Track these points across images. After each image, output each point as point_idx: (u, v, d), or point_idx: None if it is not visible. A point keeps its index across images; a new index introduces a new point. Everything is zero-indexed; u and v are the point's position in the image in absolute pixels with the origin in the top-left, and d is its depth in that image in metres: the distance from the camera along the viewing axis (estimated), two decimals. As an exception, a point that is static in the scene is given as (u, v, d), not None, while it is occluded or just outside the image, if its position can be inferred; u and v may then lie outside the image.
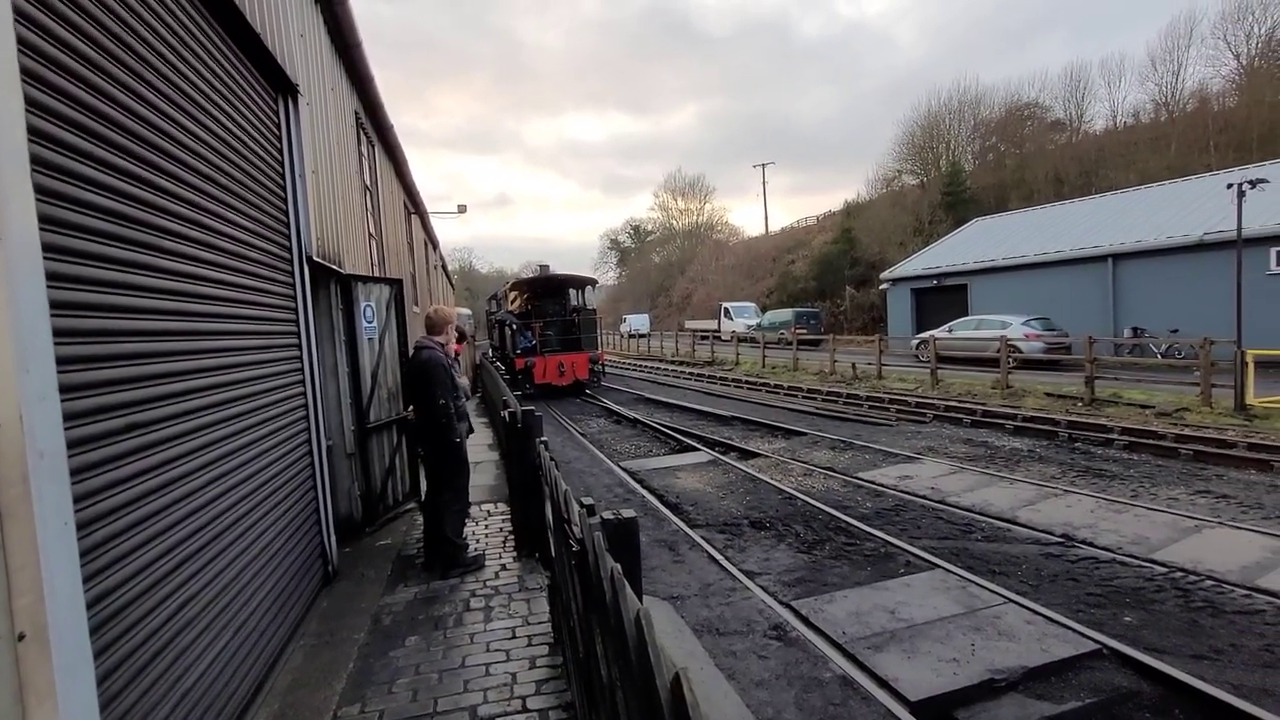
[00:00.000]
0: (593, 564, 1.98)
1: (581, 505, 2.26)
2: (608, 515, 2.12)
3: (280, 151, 4.28)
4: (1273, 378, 12.45)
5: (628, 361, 31.84)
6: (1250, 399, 10.48)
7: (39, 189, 1.81)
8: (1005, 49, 69.68)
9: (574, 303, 21.03)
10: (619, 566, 1.73)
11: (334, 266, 5.42)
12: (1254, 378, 10.65)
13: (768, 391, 17.96)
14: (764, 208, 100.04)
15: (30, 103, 1.80)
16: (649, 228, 75.08)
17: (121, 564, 2.09)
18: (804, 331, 27.09)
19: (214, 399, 2.91)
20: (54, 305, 1.83)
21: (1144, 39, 45.87)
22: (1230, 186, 12.66)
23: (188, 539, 2.53)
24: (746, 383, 19.56)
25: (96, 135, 2.11)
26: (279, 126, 4.28)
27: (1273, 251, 15.89)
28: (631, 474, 9.46)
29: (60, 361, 1.83)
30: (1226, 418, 10.19)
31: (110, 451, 2.09)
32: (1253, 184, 12.40)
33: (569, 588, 2.64)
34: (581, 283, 21.49)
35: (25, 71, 1.79)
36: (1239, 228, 12.19)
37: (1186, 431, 9.49)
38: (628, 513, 2.12)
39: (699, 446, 11.08)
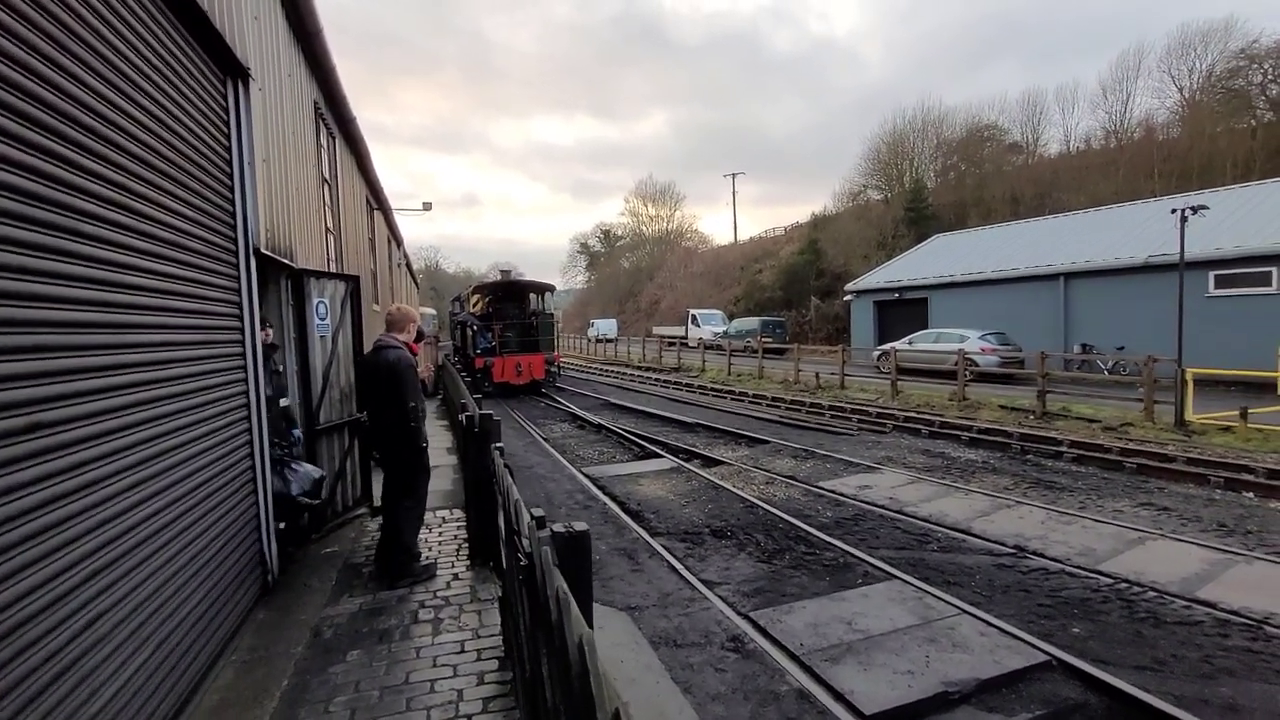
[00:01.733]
0: (540, 580, 1.87)
1: (532, 516, 2.15)
2: (559, 528, 2.01)
3: (227, 137, 4.06)
4: (1210, 395, 13.02)
5: (594, 366, 31.64)
6: (1189, 415, 10.92)
7: (-73, 160, 1.63)
8: (966, 71, 72.07)
9: (533, 307, 22.04)
10: (565, 585, 1.63)
11: (285, 260, 5.18)
12: (1193, 395, 11.10)
13: (732, 399, 18.02)
14: (733, 217, 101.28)
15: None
16: (619, 233, 75.14)
17: (17, 578, 1.90)
18: (769, 340, 27.32)
19: (138, 397, 2.70)
20: (-58, 290, 1.65)
21: (1096, 68, 48.25)
22: (1174, 212, 13.22)
23: (100, 549, 2.33)
24: (712, 390, 19.60)
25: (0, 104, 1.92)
26: (226, 111, 4.06)
27: (1211, 275, 16.67)
28: (593, 480, 9.32)
29: (-52, 353, 1.65)
30: (1167, 433, 10.59)
31: (9, 454, 1.89)
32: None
33: (518, 603, 2.52)
34: (541, 288, 22.63)
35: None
36: (1181, 251, 12.73)
37: (1131, 445, 9.81)
38: (579, 525, 2.02)
39: (662, 453, 11.00)
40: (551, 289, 23.40)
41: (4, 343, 1.91)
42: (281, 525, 4.61)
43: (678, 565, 5.94)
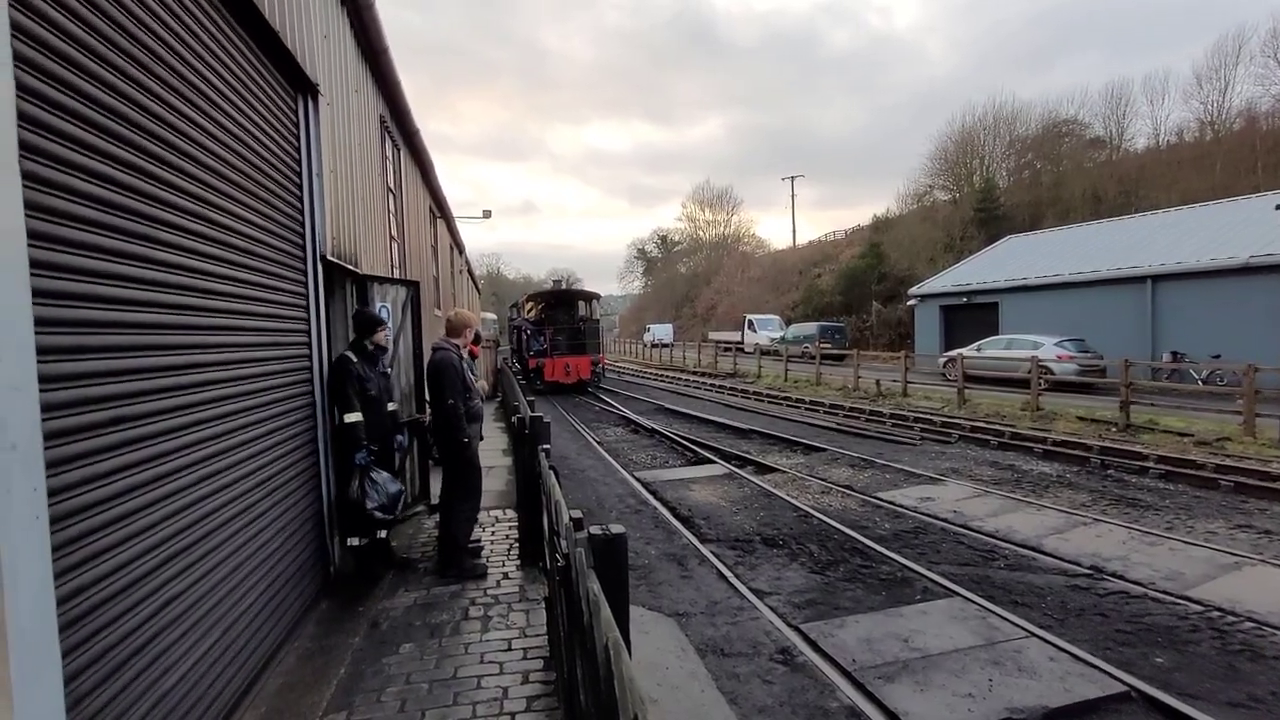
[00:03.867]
0: (575, 581, 1.88)
1: (570, 517, 2.16)
2: (596, 530, 2.02)
3: (297, 150, 4.29)
4: (1322, 409, 11.83)
5: (649, 371, 31.70)
6: (1298, 430, 9.96)
7: (27, 175, 1.78)
8: (1039, 64, 68.50)
9: (582, 313, 24.11)
10: (598, 587, 1.63)
11: (350, 266, 5.43)
12: (1302, 408, 10.13)
13: (789, 406, 17.70)
14: (792, 220, 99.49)
15: (21, 88, 1.78)
16: (676, 238, 75.15)
17: (99, 559, 2.05)
18: (828, 346, 26.70)
19: (211, 395, 2.88)
20: (38, 294, 1.79)
21: (1188, 56, 44.75)
22: (1278, 208, 12.13)
23: (174, 536, 2.49)
24: (768, 396, 19.31)
25: (92, 123, 2.09)
26: (297, 125, 4.30)
27: (1324, 276, 15.21)
28: (645, 484, 9.33)
29: (42, 351, 1.79)
30: (1271, 449, 9.68)
31: (93, 444, 2.05)
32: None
33: (559, 603, 2.54)
34: (589, 296, 25.02)
35: (18, 57, 1.77)
36: (1288, 251, 11.68)
37: (1227, 462, 9.03)
38: (616, 528, 2.01)
39: (715, 459, 10.90)
40: (598, 296, 25.45)
41: (93, 342, 2.07)
42: (356, 541, 4.52)
43: (727, 573, 5.85)
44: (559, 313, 23.69)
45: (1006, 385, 16.57)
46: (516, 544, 5.50)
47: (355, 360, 4.61)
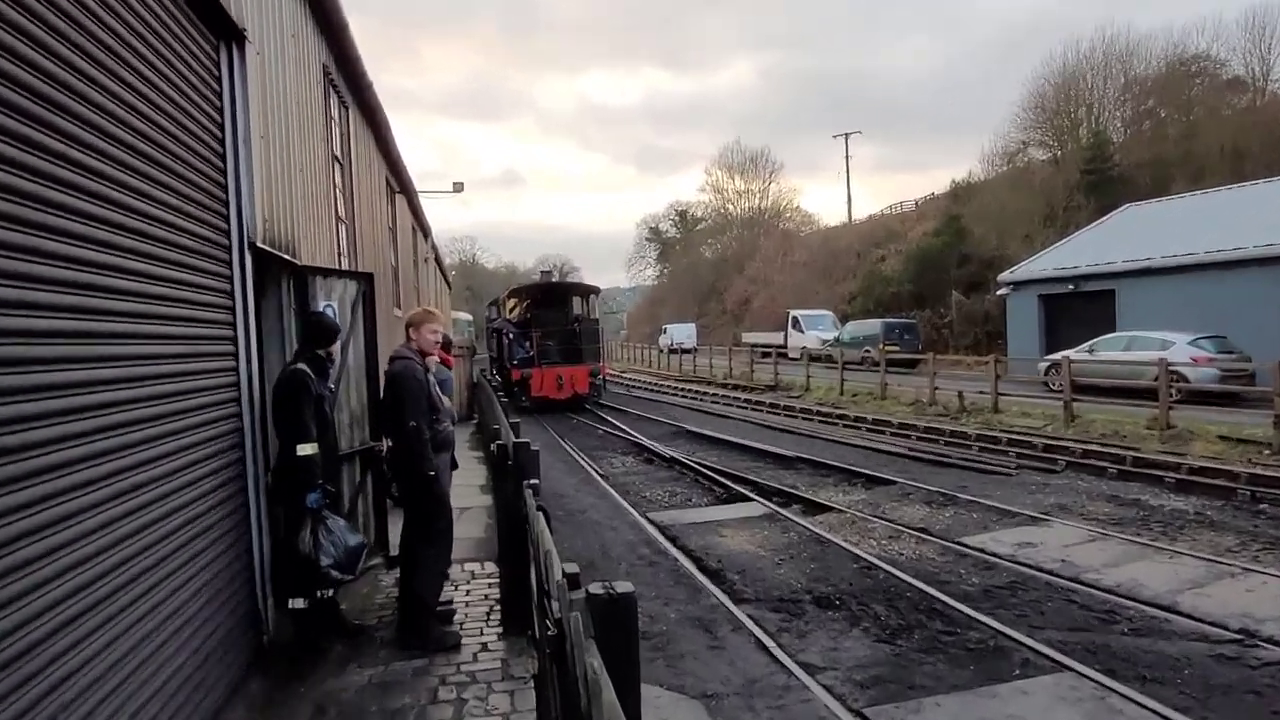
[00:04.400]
0: (569, 655, 1.86)
1: (564, 573, 2.14)
2: (596, 588, 1.99)
3: (219, 111, 4.36)
4: None
5: (666, 384, 31.78)
6: None
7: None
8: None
9: (577, 312, 24.42)
10: (599, 662, 1.61)
11: (287, 256, 5.49)
12: None
13: (846, 426, 17.75)
14: (847, 189, 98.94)
15: None
16: (698, 213, 75.46)
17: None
18: (895, 349, 26.64)
19: (109, 420, 2.89)
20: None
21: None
22: None
23: (59, 604, 2.47)
24: (819, 414, 19.40)
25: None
26: (219, 80, 4.36)
27: None
28: (662, 529, 9.37)
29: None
30: None
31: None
32: None
33: (550, 683, 2.52)
34: (585, 291, 25.57)
35: None
36: None
37: None
38: (623, 586, 1.99)
39: (752, 496, 10.96)
40: (598, 291, 25.99)
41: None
42: (302, 603, 4.46)
43: (769, 642, 5.87)
44: (549, 311, 23.94)
45: (1127, 397, 16.40)
46: (498, 606, 5.50)
47: (312, 376, 4.59)
